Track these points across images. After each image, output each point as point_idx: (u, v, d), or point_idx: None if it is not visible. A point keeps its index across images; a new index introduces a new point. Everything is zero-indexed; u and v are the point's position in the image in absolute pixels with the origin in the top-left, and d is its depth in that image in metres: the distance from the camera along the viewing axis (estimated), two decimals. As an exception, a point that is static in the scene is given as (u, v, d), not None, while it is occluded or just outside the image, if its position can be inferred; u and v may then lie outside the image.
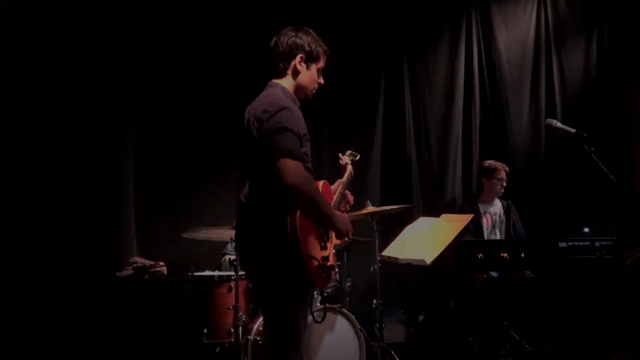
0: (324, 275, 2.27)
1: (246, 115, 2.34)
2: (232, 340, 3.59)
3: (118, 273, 3.82)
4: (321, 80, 2.47)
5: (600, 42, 5.40)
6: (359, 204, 4.39)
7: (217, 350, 3.86)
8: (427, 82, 5.12)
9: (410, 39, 5.09)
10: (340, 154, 2.90)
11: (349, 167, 2.84)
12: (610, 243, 3.71)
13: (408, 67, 5.07)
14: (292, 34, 2.38)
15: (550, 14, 5.34)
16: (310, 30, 2.43)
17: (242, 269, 2.49)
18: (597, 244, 3.76)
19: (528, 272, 4.18)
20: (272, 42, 2.40)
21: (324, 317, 2.58)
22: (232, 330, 3.60)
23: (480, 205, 4.55)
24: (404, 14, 5.08)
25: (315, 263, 2.20)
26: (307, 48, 2.37)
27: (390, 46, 5.04)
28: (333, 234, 2.38)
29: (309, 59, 2.39)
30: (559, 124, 3.34)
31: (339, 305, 3.64)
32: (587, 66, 5.37)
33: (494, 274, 4.02)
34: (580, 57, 5.38)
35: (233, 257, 3.62)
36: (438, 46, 5.15)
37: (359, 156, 2.95)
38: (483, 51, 5.22)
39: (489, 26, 5.25)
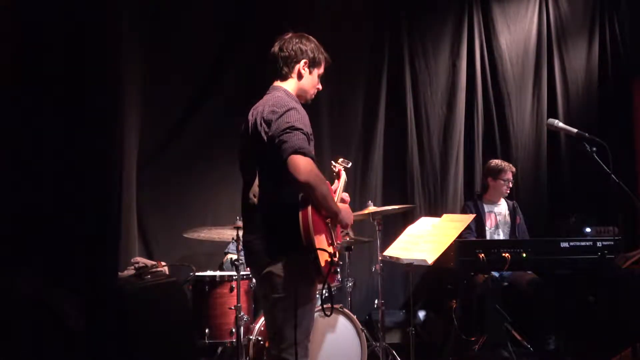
0: (333, 271, 2.32)
1: (250, 117, 2.40)
2: (234, 340, 3.59)
3: (119, 273, 3.82)
4: (320, 86, 2.58)
5: (602, 41, 5.38)
6: (360, 204, 4.41)
7: (219, 350, 3.87)
8: (429, 82, 5.11)
9: (412, 39, 5.08)
10: (332, 162, 2.92)
11: (343, 174, 2.86)
12: (612, 243, 3.71)
13: (410, 67, 5.06)
14: (297, 40, 2.49)
15: (552, 13, 5.32)
16: (312, 38, 2.54)
17: (249, 267, 2.50)
18: (598, 244, 3.75)
19: (529, 272, 4.18)
20: (277, 47, 2.50)
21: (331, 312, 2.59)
22: (233, 330, 3.61)
23: (484, 205, 4.53)
24: (406, 13, 5.07)
25: (327, 258, 2.24)
26: (310, 54, 2.49)
27: (392, 46, 5.03)
28: (337, 231, 2.47)
29: (312, 64, 2.50)
30: (560, 124, 3.32)
31: (341, 305, 3.64)
32: (588, 65, 5.36)
33: (495, 274, 4.02)
34: (582, 56, 5.36)
35: (235, 257, 3.63)
36: (440, 46, 5.14)
37: (350, 164, 2.95)
38: (485, 51, 5.21)
39: (491, 26, 5.23)
